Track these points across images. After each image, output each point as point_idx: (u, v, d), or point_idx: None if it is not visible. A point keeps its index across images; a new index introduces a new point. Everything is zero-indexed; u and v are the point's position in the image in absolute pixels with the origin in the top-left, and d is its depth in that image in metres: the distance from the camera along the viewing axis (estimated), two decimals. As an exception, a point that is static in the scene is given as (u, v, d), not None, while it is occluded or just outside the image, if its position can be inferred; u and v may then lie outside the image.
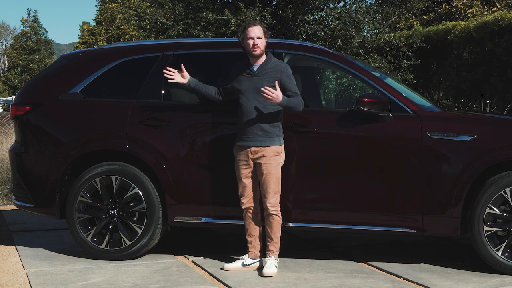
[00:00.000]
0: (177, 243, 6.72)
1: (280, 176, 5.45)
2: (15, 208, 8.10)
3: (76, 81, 6.14)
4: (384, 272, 5.56)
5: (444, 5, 20.70)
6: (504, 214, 5.41)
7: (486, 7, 18.63)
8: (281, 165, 5.47)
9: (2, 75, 59.83)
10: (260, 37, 5.43)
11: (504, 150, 5.41)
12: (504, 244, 5.39)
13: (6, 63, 59.49)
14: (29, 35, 56.31)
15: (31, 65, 53.57)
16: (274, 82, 5.37)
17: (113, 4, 40.39)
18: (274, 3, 15.54)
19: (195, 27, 14.62)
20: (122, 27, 37.87)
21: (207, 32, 14.35)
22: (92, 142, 5.94)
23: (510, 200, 5.38)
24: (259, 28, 5.46)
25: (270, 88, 5.25)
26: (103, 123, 5.97)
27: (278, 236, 5.51)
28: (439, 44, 14.83)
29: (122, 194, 5.89)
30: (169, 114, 5.87)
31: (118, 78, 6.15)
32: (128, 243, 5.85)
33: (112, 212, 5.88)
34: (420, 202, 5.50)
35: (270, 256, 5.50)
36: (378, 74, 6.15)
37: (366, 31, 15.29)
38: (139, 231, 5.83)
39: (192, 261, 5.91)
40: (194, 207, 5.82)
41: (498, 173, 5.43)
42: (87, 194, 5.91)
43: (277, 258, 5.53)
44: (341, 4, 15.33)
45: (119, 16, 38.70)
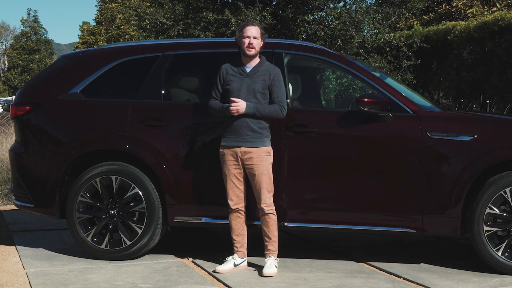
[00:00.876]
0: (177, 243, 6.72)
1: (272, 175, 5.46)
2: (15, 208, 8.10)
3: (76, 81, 6.14)
4: (384, 272, 5.56)
5: (444, 5, 20.70)
6: (504, 214, 5.41)
7: (486, 7, 18.63)
8: (271, 165, 5.48)
9: (2, 75, 59.83)
10: (257, 37, 5.43)
11: (504, 150, 5.41)
12: (504, 244, 5.39)
13: (6, 63, 59.49)
14: (29, 35, 56.31)
15: (31, 65, 53.58)
16: (266, 85, 5.41)
17: (113, 4, 40.38)
18: (274, 3, 15.53)
19: (195, 27, 14.62)
20: (122, 27, 37.86)
21: (207, 32, 14.34)
22: (92, 142, 5.94)
23: (510, 200, 5.38)
24: (257, 29, 5.46)
25: (234, 99, 5.28)
26: (103, 123, 5.97)
27: (275, 235, 5.51)
28: (439, 44, 14.83)
29: (122, 194, 5.89)
30: (169, 114, 5.87)
31: (118, 78, 6.16)
32: (128, 243, 5.85)
33: (112, 212, 5.88)
34: (420, 202, 5.50)
35: (269, 256, 5.50)
36: (378, 74, 6.15)
37: (366, 31, 15.28)
38: (139, 231, 5.83)
39: (192, 261, 5.91)
40: (194, 207, 5.82)
41: (498, 173, 5.43)
42: (87, 194, 5.91)
43: (276, 257, 5.53)
44: (341, 4, 15.32)
45: (119, 16, 38.69)
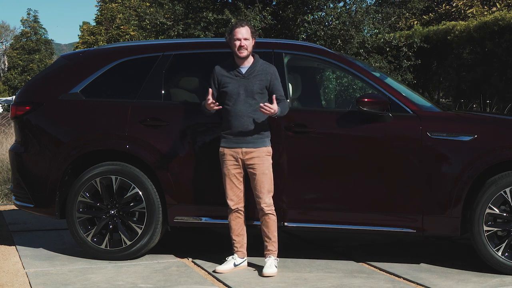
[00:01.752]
0: (177, 243, 6.72)
1: (272, 175, 5.46)
2: (15, 208, 8.10)
3: (76, 81, 6.14)
4: (384, 272, 5.56)
5: (444, 5, 20.69)
6: (504, 214, 5.41)
7: (486, 7, 18.62)
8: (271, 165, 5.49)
9: (2, 75, 59.82)
10: (247, 38, 5.42)
11: (504, 150, 5.40)
12: (504, 244, 5.39)
13: (6, 63, 59.49)
14: (29, 35, 56.29)
15: (31, 65, 53.56)
16: (264, 85, 5.40)
17: (113, 4, 40.37)
18: (274, 3, 15.53)
19: (195, 27, 14.62)
20: (122, 27, 37.86)
21: (207, 32, 14.34)
22: (92, 142, 5.94)
23: (510, 200, 5.38)
24: (247, 29, 5.44)
25: (268, 104, 5.23)
26: (103, 123, 5.97)
27: (275, 235, 5.51)
28: (439, 44, 14.83)
29: (122, 194, 5.89)
30: (169, 114, 5.87)
31: (118, 78, 6.16)
32: (128, 243, 5.85)
33: (112, 212, 5.88)
34: (420, 202, 5.50)
35: (269, 256, 5.50)
36: (378, 74, 6.15)
37: (366, 31, 15.29)
38: (139, 231, 5.83)
39: (192, 261, 5.91)
40: (194, 207, 5.82)
41: (498, 173, 5.43)
42: (87, 194, 5.91)
43: (276, 257, 5.53)
44: (341, 4, 15.32)
45: (119, 16, 38.68)
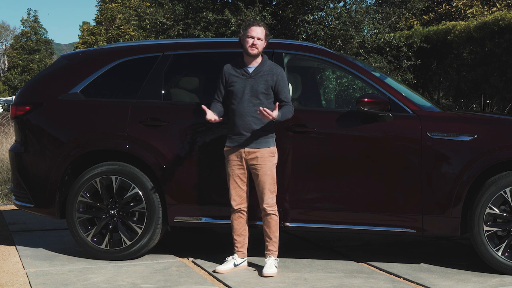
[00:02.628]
0: (177, 243, 6.72)
1: (275, 176, 5.46)
2: (15, 208, 8.11)
3: (76, 81, 6.14)
4: (384, 272, 5.56)
5: (444, 5, 20.69)
6: (504, 214, 5.41)
7: (486, 7, 18.62)
8: (275, 165, 5.48)
9: (2, 75, 59.82)
10: (261, 38, 5.43)
11: (504, 150, 5.40)
12: (504, 244, 5.39)
13: (6, 63, 59.48)
14: (29, 35, 56.28)
15: (31, 65, 53.54)
16: (269, 85, 5.39)
17: (113, 4, 40.35)
18: (274, 3, 15.54)
19: (195, 27, 14.63)
20: (122, 27, 37.83)
21: (207, 32, 14.35)
22: (92, 142, 5.94)
23: (510, 200, 5.38)
24: (262, 30, 5.45)
25: (268, 110, 5.21)
26: (103, 123, 5.97)
27: (276, 235, 5.51)
28: (439, 44, 14.84)
29: (122, 194, 5.89)
30: (169, 114, 5.87)
31: (118, 78, 6.16)
32: (128, 243, 5.85)
33: (112, 212, 5.88)
34: (420, 202, 5.50)
35: (269, 256, 5.51)
36: (378, 74, 6.15)
37: (366, 31, 15.29)
38: (139, 231, 5.83)
39: (192, 261, 5.91)
40: (194, 207, 5.82)
41: (498, 173, 5.44)
42: (87, 194, 5.91)
43: (276, 258, 5.53)
44: (341, 4, 15.33)
45: (119, 16, 38.66)
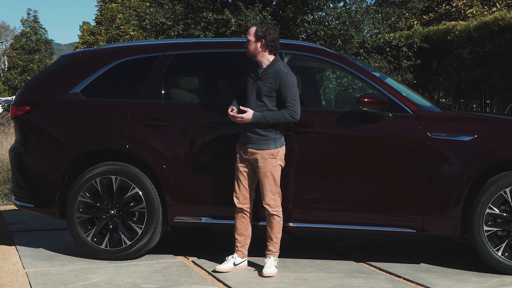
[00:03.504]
0: (177, 243, 6.72)
1: (278, 178, 5.45)
2: (15, 208, 8.10)
3: (76, 81, 6.14)
4: (384, 272, 5.56)
5: (444, 5, 20.69)
6: (504, 214, 5.41)
7: (486, 7, 18.62)
8: (280, 167, 5.47)
9: (2, 75, 59.82)
10: (250, 38, 5.45)
11: (504, 150, 5.40)
12: (504, 244, 5.39)
13: (6, 63, 59.48)
14: (29, 35, 56.28)
15: (31, 65, 53.55)
16: (272, 88, 5.38)
17: (113, 4, 40.34)
18: (274, 3, 15.54)
19: (195, 27, 14.63)
20: (122, 27, 37.82)
21: (207, 32, 14.35)
22: (92, 142, 5.94)
23: (510, 200, 5.38)
24: (251, 30, 5.49)
25: (235, 114, 5.33)
26: (103, 123, 5.97)
27: (278, 236, 5.51)
28: (439, 44, 14.83)
29: (122, 194, 5.89)
30: (169, 114, 5.87)
31: (118, 78, 6.16)
32: (128, 243, 5.85)
33: (112, 212, 5.88)
34: (420, 202, 5.50)
35: (269, 256, 5.51)
36: (378, 74, 6.15)
37: (366, 31, 15.29)
38: (139, 231, 5.83)
39: (192, 261, 5.91)
40: (194, 207, 5.82)
41: (498, 173, 5.44)
42: (87, 194, 5.91)
43: (277, 258, 5.53)
44: (341, 4, 15.33)
45: (119, 16, 38.65)
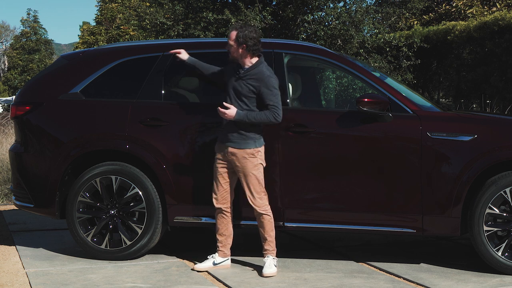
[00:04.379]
0: (177, 243, 6.72)
1: (260, 177, 5.46)
2: (15, 208, 8.10)
3: (76, 81, 6.14)
4: (384, 272, 5.56)
5: (444, 5, 20.70)
6: (504, 214, 5.41)
7: (486, 7, 18.62)
8: (261, 166, 5.47)
9: (2, 75, 59.82)
10: (230, 42, 5.47)
11: (504, 150, 5.40)
12: (504, 244, 5.39)
13: (6, 63, 59.48)
14: (29, 35, 56.28)
15: (31, 65, 53.54)
16: (251, 89, 5.40)
17: (113, 4, 40.34)
18: (274, 3, 15.54)
19: (195, 27, 14.63)
20: (122, 27, 37.82)
21: (207, 32, 14.35)
22: (92, 142, 5.94)
23: (510, 200, 5.38)
24: (232, 34, 5.48)
25: (223, 108, 5.36)
26: (103, 123, 5.97)
27: (272, 235, 5.51)
28: (439, 44, 14.84)
29: (122, 194, 5.89)
30: (169, 114, 5.87)
31: (118, 78, 6.15)
32: (128, 243, 5.85)
33: (112, 212, 5.88)
34: (420, 202, 5.50)
35: (267, 256, 5.50)
36: (378, 74, 6.15)
37: (366, 31, 15.30)
38: (139, 231, 5.83)
39: (192, 261, 5.91)
40: (194, 207, 5.83)
41: (498, 173, 5.44)
42: (87, 194, 5.91)
43: (275, 257, 5.53)
44: (341, 4, 15.33)
45: (119, 16, 38.65)
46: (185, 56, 5.87)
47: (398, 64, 14.86)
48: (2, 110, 36.04)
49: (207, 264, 5.58)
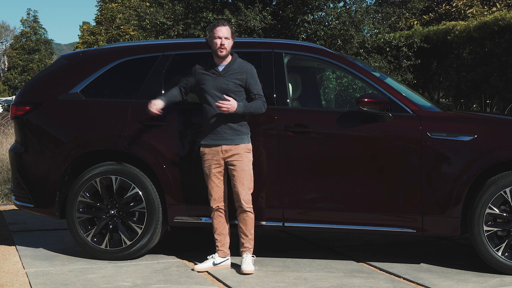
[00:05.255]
0: (177, 243, 6.72)
1: (252, 173, 5.48)
2: (15, 208, 8.10)
3: (76, 81, 6.14)
4: (384, 272, 5.56)
5: (444, 5, 20.70)
6: (504, 214, 5.41)
7: (486, 7, 18.63)
8: (251, 162, 5.50)
9: (2, 75, 59.81)
10: (228, 37, 5.47)
11: (504, 150, 5.40)
12: (504, 244, 5.39)
13: (6, 63, 59.46)
14: (29, 35, 56.25)
15: (31, 65, 53.51)
16: (238, 83, 5.43)
17: (113, 4, 40.33)
18: (274, 3, 15.55)
19: (195, 27, 14.64)
20: (122, 27, 37.81)
21: (207, 32, 14.34)
22: (92, 142, 5.94)
23: (510, 200, 5.38)
24: (227, 29, 5.49)
25: (223, 101, 5.31)
26: (103, 123, 5.97)
27: (252, 232, 5.54)
28: (439, 44, 14.84)
29: (122, 194, 5.89)
30: (169, 114, 5.87)
31: (118, 78, 6.16)
32: (128, 243, 5.85)
33: (112, 212, 5.88)
34: (420, 202, 5.49)
35: (246, 253, 5.52)
36: (378, 74, 6.15)
37: (366, 31, 15.31)
38: (139, 231, 5.83)
39: (192, 261, 5.91)
40: (194, 207, 5.83)
41: (498, 173, 5.43)
42: (87, 194, 5.91)
43: (253, 255, 5.55)
44: (341, 4, 15.34)
45: (119, 16, 38.64)
46: (160, 104, 5.54)
47: (398, 64, 14.87)
48: (2, 110, 36.03)
49: (207, 265, 5.58)
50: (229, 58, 5.53)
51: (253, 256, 5.55)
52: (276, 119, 5.64)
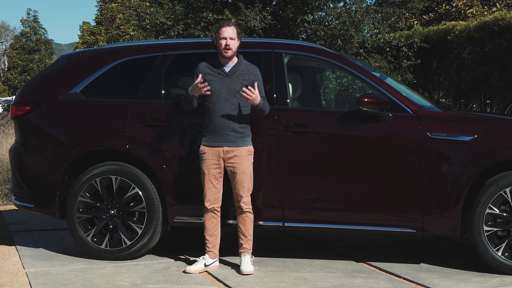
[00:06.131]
0: (177, 243, 6.72)
1: (252, 174, 5.48)
2: (15, 208, 8.10)
3: (76, 81, 6.14)
4: (384, 272, 5.56)
5: (444, 5, 20.71)
6: (504, 214, 5.41)
7: (486, 7, 18.63)
8: (252, 164, 5.50)
9: (2, 75, 59.82)
10: (233, 38, 5.44)
11: (504, 150, 5.40)
12: (504, 244, 5.39)
13: (6, 63, 59.47)
14: (29, 35, 56.25)
15: (31, 65, 53.51)
16: (246, 84, 5.39)
17: (113, 4, 40.34)
18: (274, 3, 15.55)
19: (195, 27, 14.64)
20: (122, 27, 37.82)
21: (207, 32, 14.36)
22: (92, 142, 5.94)
23: (510, 200, 5.38)
24: (233, 29, 5.47)
25: (251, 88, 5.27)
26: (103, 123, 5.97)
27: (251, 233, 5.53)
28: (439, 44, 14.85)
29: (122, 194, 5.89)
30: (169, 114, 5.87)
31: (118, 78, 6.15)
32: (128, 243, 5.85)
33: (112, 212, 5.88)
34: (420, 202, 5.49)
35: (245, 254, 5.52)
36: (378, 74, 6.15)
37: (366, 31, 15.31)
38: (139, 231, 5.83)
39: (192, 261, 5.90)
40: (194, 207, 5.82)
41: (498, 173, 5.43)
42: (87, 194, 5.91)
43: (252, 256, 5.55)
44: (341, 4, 15.35)
45: (119, 16, 38.64)
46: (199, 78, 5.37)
47: (398, 64, 14.88)
48: (2, 110, 36.04)
49: (199, 266, 5.56)
50: (235, 59, 5.51)
51: (252, 257, 5.55)
52: (276, 119, 5.64)
